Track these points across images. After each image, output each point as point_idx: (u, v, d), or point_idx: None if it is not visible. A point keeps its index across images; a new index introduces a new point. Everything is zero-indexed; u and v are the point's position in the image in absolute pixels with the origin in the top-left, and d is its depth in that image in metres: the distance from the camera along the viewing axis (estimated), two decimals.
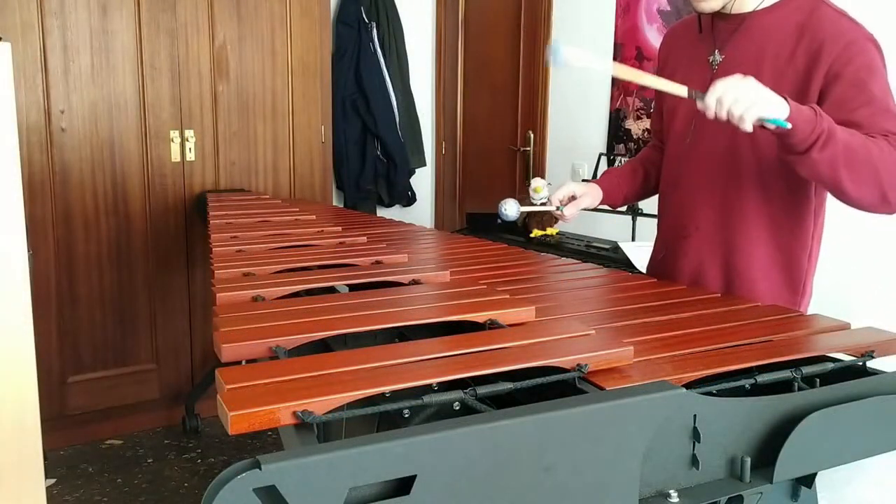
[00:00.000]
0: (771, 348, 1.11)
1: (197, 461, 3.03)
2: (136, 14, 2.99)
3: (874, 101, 1.35)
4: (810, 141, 1.24)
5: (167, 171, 3.14)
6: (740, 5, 1.49)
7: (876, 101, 1.35)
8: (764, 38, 1.46)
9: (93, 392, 3.10)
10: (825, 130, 1.24)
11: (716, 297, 1.47)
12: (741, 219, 1.52)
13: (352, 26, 3.91)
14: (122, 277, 3.11)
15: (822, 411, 0.95)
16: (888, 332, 1.18)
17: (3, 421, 1.64)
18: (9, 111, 1.61)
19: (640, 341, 1.10)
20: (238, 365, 0.95)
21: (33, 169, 2.87)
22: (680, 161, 1.62)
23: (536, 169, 3.65)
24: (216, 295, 1.29)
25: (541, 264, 1.82)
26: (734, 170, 1.52)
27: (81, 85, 2.93)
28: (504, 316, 1.19)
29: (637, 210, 2.69)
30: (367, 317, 1.17)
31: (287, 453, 0.70)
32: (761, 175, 1.50)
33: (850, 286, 2.28)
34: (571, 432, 0.80)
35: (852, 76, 1.36)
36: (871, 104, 1.35)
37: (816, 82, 1.39)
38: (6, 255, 1.62)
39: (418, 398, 0.88)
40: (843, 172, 1.27)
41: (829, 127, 1.25)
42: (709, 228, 1.57)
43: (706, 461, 0.91)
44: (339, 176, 4.01)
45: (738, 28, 1.50)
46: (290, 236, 1.92)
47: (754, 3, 1.48)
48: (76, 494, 2.75)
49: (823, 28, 1.39)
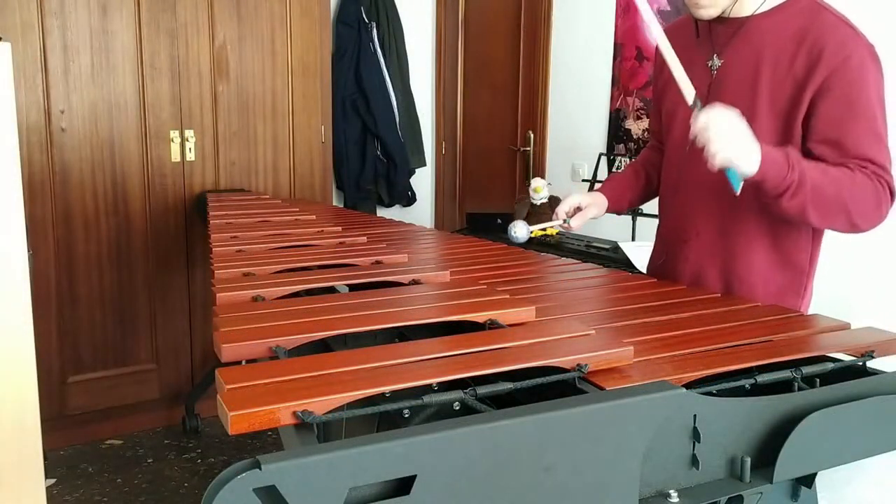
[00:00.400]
0: (771, 348, 1.11)
1: (197, 461, 3.03)
2: (136, 14, 2.99)
3: (861, 121, 1.36)
4: (780, 190, 1.31)
5: (167, 171, 3.14)
6: (739, 9, 1.48)
7: (862, 122, 1.36)
8: (763, 42, 1.45)
9: (93, 392, 3.10)
10: (795, 181, 1.30)
11: (716, 297, 1.47)
12: (741, 224, 1.52)
13: (352, 26, 3.91)
14: (122, 277, 3.11)
15: (822, 411, 0.95)
16: (888, 332, 1.18)
17: (3, 421, 1.64)
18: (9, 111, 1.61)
19: (640, 341, 1.10)
20: (238, 365, 0.95)
21: (33, 169, 2.87)
22: (680, 166, 1.61)
23: (536, 169, 3.65)
24: (216, 295, 1.29)
25: (541, 264, 1.82)
26: None
27: (81, 85, 2.93)
28: (504, 316, 1.19)
29: (637, 210, 2.69)
30: (367, 317, 1.17)
31: (287, 453, 0.70)
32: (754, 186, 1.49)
33: (850, 286, 2.28)
34: (571, 432, 0.80)
35: (845, 93, 1.36)
36: (858, 124, 1.36)
37: (810, 91, 1.38)
38: (6, 255, 1.62)
39: (418, 398, 0.88)
40: (810, 212, 1.34)
41: (800, 176, 1.30)
42: (709, 234, 1.56)
43: (706, 461, 0.91)
44: (339, 176, 4.01)
45: (737, 32, 1.49)
46: (290, 236, 1.92)
47: (753, 7, 1.47)
48: (76, 494, 2.75)
49: (825, 37, 1.37)
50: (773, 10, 1.46)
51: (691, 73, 1.57)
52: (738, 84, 1.48)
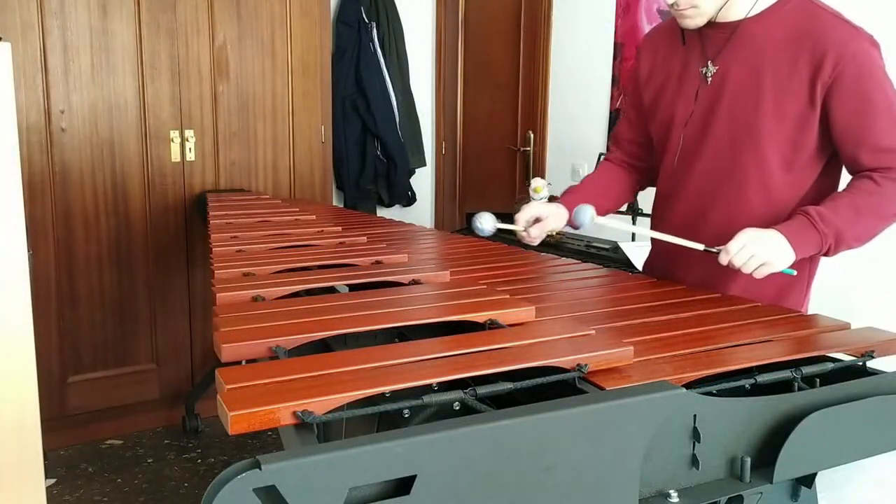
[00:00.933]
0: (771, 348, 1.11)
1: (197, 461, 3.03)
2: (136, 14, 2.99)
3: (880, 113, 1.36)
4: (822, 253, 1.40)
5: (167, 171, 3.14)
6: (727, 13, 1.44)
7: (882, 114, 1.37)
8: (759, 47, 1.43)
9: (93, 392, 3.10)
10: (832, 242, 1.38)
11: (716, 297, 1.47)
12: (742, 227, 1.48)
13: (352, 26, 3.91)
14: (122, 277, 3.11)
15: (822, 411, 0.95)
16: (888, 332, 1.18)
17: (3, 421, 1.64)
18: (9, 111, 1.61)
19: (640, 341, 1.10)
20: (238, 365, 0.95)
21: (33, 169, 2.87)
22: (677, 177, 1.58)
23: (536, 169, 3.65)
24: (216, 295, 1.29)
25: (541, 264, 1.82)
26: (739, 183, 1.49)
27: (81, 85, 2.93)
28: (504, 316, 1.19)
29: (637, 210, 2.69)
30: (367, 317, 1.17)
31: (287, 453, 0.70)
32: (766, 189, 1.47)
33: (850, 286, 2.28)
34: (571, 432, 0.80)
35: (857, 89, 1.35)
36: (878, 117, 1.36)
37: (821, 92, 1.37)
38: (6, 255, 1.62)
39: (418, 398, 0.88)
40: (856, 246, 1.42)
41: (835, 233, 1.37)
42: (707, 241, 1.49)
43: (706, 461, 0.91)
44: (339, 176, 4.01)
45: (730, 37, 1.46)
46: (290, 236, 1.92)
47: (743, 11, 1.44)
48: (76, 494, 2.75)
49: (826, 36, 1.36)
50: (765, 13, 1.43)
51: (684, 81, 1.54)
52: (739, 90, 1.45)
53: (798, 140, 1.42)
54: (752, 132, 1.44)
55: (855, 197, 1.38)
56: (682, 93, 1.55)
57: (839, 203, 1.39)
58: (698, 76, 1.51)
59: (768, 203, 1.47)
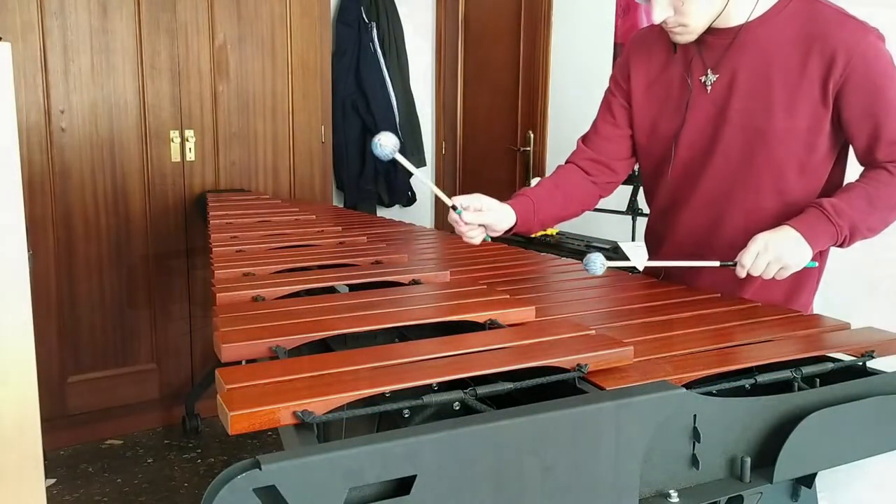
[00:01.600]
0: (771, 348, 1.11)
1: (197, 461, 3.03)
2: (136, 14, 2.99)
3: (892, 108, 1.35)
4: (839, 244, 1.38)
5: (167, 171, 3.14)
6: (726, 19, 1.40)
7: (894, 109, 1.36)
8: (765, 50, 1.39)
9: (93, 392, 3.10)
10: (847, 232, 1.35)
11: (716, 297, 1.46)
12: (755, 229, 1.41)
13: (352, 26, 3.91)
14: (122, 277, 3.11)
15: (821, 411, 0.95)
16: (888, 332, 1.18)
17: (3, 421, 1.64)
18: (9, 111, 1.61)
19: (640, 341, 1.10)
20: (238, 365, 0.95)
21: (33, 169, 2.87)
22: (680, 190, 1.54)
23: (536, 169, 3.65)
24: (216, 295, 1.29)
25: (541, 264, 1.82)
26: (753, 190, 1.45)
27: (81, 85, 2.93)
28: (504, 316, 1.19)
29: (637, 210, 2.69)
30: (367, 317, 1.17)
31: (287, 453, 0.70)
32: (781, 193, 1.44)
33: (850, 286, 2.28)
34: (571, 432, 0.80)
35: (868, 85, 1.34)
36: (891, 112, 1.35)
37: (832, 92, 1.36)
38: (6, 255, 1.62)
39: (418, 398, 0.88)
40: (871, 235, 1.39)
41: (849, 224, 1.34)
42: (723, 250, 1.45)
43: (706, 461, 0.91)
44: (339, 176, 4.01)
45: (731, 44, 1.42)
46: (290, 236, 1.92)
47: (744, 16, 1.40)
48: (76, 494, 2.75)
49: (833, 35, 1.34)
50: (767, 15, 1.40)
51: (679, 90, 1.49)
52: (747, 96, 1.41)
53: (811, 141, 1.40)
54: (765, 138, 1.41)
55: (869, 188, 1.37)
56: (677, 105, 1.50)
57: (853, 194, 1.37)
58: (695, 85, 1.47)
59: (784, 207, 1.43)
